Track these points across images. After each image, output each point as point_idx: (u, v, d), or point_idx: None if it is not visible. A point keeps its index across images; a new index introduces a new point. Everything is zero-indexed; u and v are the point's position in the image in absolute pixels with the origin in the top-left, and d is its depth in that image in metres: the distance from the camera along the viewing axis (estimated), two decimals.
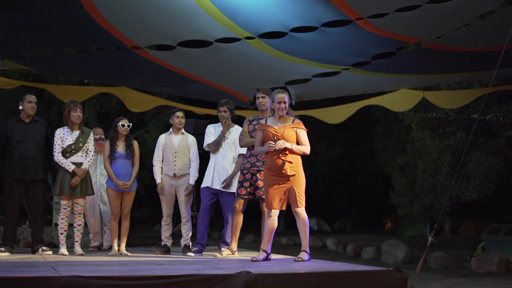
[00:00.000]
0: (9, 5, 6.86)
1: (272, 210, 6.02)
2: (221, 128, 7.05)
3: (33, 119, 6.92)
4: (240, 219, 6.68)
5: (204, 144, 7.16)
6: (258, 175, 6.45)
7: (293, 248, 18.55)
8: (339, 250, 17.89)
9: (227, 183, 6.89)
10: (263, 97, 6.57)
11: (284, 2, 6.71)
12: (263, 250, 6.12)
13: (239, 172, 6.69)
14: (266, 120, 6.16)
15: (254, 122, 6.63)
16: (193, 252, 6.89)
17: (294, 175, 5.91)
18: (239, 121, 7.06)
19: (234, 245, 6.71)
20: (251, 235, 20.32)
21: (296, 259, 5.94)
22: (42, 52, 9.06)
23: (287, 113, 6.04)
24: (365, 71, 8.97)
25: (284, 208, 6.01)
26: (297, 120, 6.08)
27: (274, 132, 5.91)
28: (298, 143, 5.99)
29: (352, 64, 8.72)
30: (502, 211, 21.56)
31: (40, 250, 6.73)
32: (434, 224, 8.37)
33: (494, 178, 14.41)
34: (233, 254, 6.68)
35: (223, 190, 6.91)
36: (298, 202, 5.92)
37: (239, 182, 6.58)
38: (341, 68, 9.00)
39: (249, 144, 6.53)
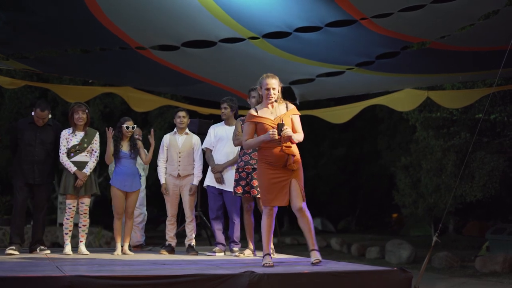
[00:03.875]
0: (12, 5, 6.87)
1: (273, 208, 5.56)
2: (223, 127, 7.12)
3: (46, 123, 6.94)
4: (248, 218, 6.74)
5: (203, 145, 7.22)
6: (253, 174, 6.49)
7: (297, 247, 18.55)
8: (343, 250, 17.87)
9: (218, 171, 6.97)
10: None
11: (288, 2, 6.71)
12: (268, 254, 5.58)
13: (235, 171, 6.72)
14: (256, 110, 5.63)
15: None
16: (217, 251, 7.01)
17: (297, 168, 5.50)
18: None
19: (252, 245, 6.81)
20: (254, 235, 20.24)
21: (314, 261, 5.44)
22: (46, 52, 9.08)
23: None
24: (369, 71, 8.96)
25: (287, 204, 5.53)
26: (290, 106, 5.64)
27: (273, 124, 5.45)
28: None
29: (356, 63, 8.71)
30: (507, 211, 21.50)
31: (38, 249, 6.78)
32: (438, 223, 8.36)
33: (498, 178, 14.36)
34: (253, 253, 6.76)
35: (225, 189, 6.97)
36: (302, 196, 5.48)
37: (235, 181, 6.64)
38: (345, 68, 8.99)
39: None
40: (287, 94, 6.14)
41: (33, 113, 6.90)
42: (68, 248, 6.74)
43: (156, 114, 18.96)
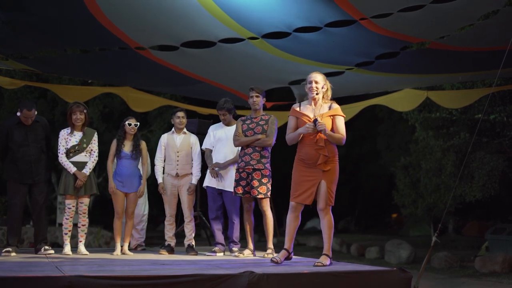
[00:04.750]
0: (12, 5, 6.87)
1: (297, 205, 5.60)
2: (222, 127, 7.14)
3: (33, 120, 6.89)
4: (248, 218, 6.74)
5: (203, 145, 7.24)
6: (253, 174, 6.49)
7: (297, 247, 18.53)
8: (343, 250, 17.87)
9: (216, 170, 6.98)
10: (257, 96, 6.68)
11: (288, 2, 6.71)
12: (285, 249, 5.72)
13: (235, 171, 6.72)
14: (300, 105, 5.74)
15: (248, 122, 6.70)
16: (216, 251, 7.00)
17: (329, 169, 5.48)
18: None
19: (251, 245, 6.81)
20: (254, 235, 20.22)
21: (316, 263, 5.43)
22: (45, 52, 9.08)
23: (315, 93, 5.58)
24: (369, 71, 8.97)
25: (310, 203, 5.56)
26: (334, 106, 5.61)
27: (309, 121, 5.50)
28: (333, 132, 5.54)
29: (356, 64, 8.72)
30: (506, 211, 21.50)
31: (42, 249, 6.75)
32: (438, 224, 8.37)
33: (498, 178, 14.35)
34: (252, 253, 6.76)
35: (225, 189, 6.98)
36: (328, 199, 5.48)
37: (235, 181, 6.64)
38: (344, 68, 8.99)
39: (244, 143, 6.59)
40: (286, 94, 6.12)
41: (18, 114, 6.79)
42: (67, 248, 6.74)
43: (156, 114, 18.94)
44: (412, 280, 5.13)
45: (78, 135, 6.85)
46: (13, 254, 6.59)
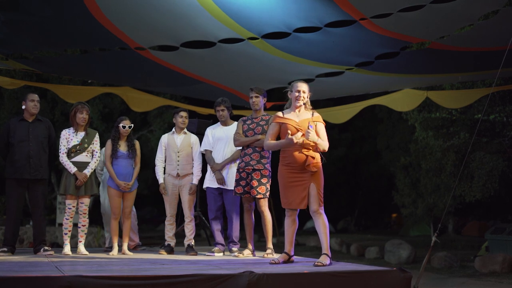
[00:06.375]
0: (12, 5, 6.87)
1: (292, 210, 5.71)
2: (220, 128, 7.12)
3: (36, 119, 6.92)
4: (248, 218, 6.74)
5: (202, 147, 7.20)
6: (253, 174, 6.49)
7: (297, 247, 18.53)
8: (343, 250, 17.89)
9: (216, 170, 6.95)
10: (256, 97, 6.67)
11: (287, 2, 6.71)
12: (285, 253, 5.81)
13: (236, 171, 6.71)
14: (283, 113, 5.81)
15: (248, 122, 6.70)
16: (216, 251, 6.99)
17: (316, 171, 5.60)
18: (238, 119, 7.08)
19: (251, 245, 6.80)
20: (254, 235, 20.13)
21: (316, 263, 5.43)
22: (45, 53, 9.07)
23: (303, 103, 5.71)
24: (369, 71, 8.96)
25: (305, 207, 5.63)
26: (316, 114, 5.80)
27: (297, 126, 5.61)
28: None
29: (356, 64, 8.71)
30: (506, 210, 21.54)
31: (42, 250, 6.74)
32: (437, 224, 8.39)
33: (497, 177, 14.37)
34: (252, 254, 6.75)
35: (226, 188, 6.97)
36: (320, 201, 5.60)
37: (236, 181, 6.64)
38: (344, 68, 8.99)
39: (244, 143, 6.58)
40: (286, 94, 6.11)
41: (23, 107, 6.85)
42: (67, 248, 6.73)
43: (155, 114, 18.97)
44: (412, 280, 5.14)
45: (80, 135, 6.85)
46: (9, 254, 6.57)
